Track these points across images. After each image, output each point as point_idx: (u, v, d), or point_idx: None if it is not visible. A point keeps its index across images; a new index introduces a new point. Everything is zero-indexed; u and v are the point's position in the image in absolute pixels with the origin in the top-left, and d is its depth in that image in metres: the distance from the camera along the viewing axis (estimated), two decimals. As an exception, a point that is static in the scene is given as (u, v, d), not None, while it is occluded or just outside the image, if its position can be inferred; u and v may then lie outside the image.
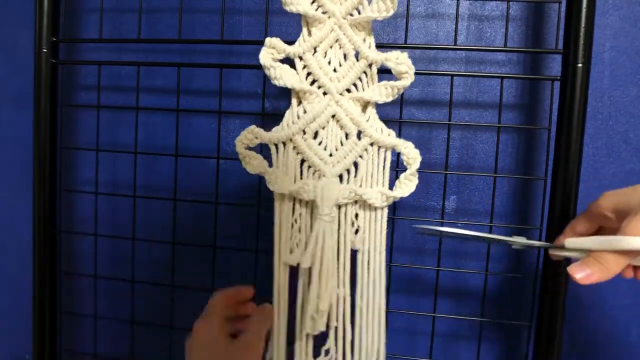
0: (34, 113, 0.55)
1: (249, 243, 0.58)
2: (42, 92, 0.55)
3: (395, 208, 0.54)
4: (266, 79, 0.47)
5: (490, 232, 0.52)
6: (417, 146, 0.46)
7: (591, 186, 0.55)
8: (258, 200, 0.54)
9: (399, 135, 0.50)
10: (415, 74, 0.44)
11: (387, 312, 0.54)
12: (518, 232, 0.56)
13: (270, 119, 0.58)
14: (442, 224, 0.53)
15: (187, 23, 0.59)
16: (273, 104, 0.59)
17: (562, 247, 0.41)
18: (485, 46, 0.55)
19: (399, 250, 0.58)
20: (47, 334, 0.57)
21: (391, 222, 0.53)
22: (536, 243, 0.43)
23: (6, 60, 0.66)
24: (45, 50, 0.54)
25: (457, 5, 0.51)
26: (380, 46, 0.46)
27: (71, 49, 0.63)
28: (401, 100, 0.52)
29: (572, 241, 0.40)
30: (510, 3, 0.52)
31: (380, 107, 0.48)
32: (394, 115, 0.53)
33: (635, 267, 0.38)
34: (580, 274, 0.36)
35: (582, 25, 0.44)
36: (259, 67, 0.45)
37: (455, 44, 0.52)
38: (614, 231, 0.36)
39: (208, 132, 0.60)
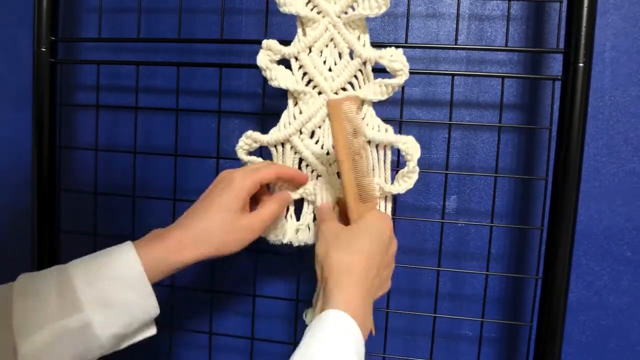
0: (33, 113, 0.55)
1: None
2: (41, 91, 0.54)
3: (396, 208, 0.54)
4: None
5: (490, 232, 0.52)
6: (417, 146, 0.45)
7: (592, 186, 0.55)
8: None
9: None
10: (416, 73, 0.44)
11: (387, 312, 0.54)
12: (518, 232, 0.57)
13: (270, 118, 0.58)
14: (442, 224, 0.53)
15: (186, 23, 0.59)
16: (273, 103, 0.59)
17: None
18: (486, 46, 0.55)
19: (399, 250, 0.57)
20: (46, 334, 0.57)
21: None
22: None
23: (5, 60, 0.66)
24: (44, 49, 0.54)
25: (458, 5, 0.50)
26: (381, 46, 0.46)
27: (70, 48, 0.63)
28: (402, 100, 0.51)
29: None
30: (511, 2, 0.52)
31: (380, 107, 0.48)
32: (394, 114, 0.53)
33: None
34: None
35: (583, 24, 0.44)
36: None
37: (455, 44, 0.52)
38: None
39: (208, 132, 0.60)
